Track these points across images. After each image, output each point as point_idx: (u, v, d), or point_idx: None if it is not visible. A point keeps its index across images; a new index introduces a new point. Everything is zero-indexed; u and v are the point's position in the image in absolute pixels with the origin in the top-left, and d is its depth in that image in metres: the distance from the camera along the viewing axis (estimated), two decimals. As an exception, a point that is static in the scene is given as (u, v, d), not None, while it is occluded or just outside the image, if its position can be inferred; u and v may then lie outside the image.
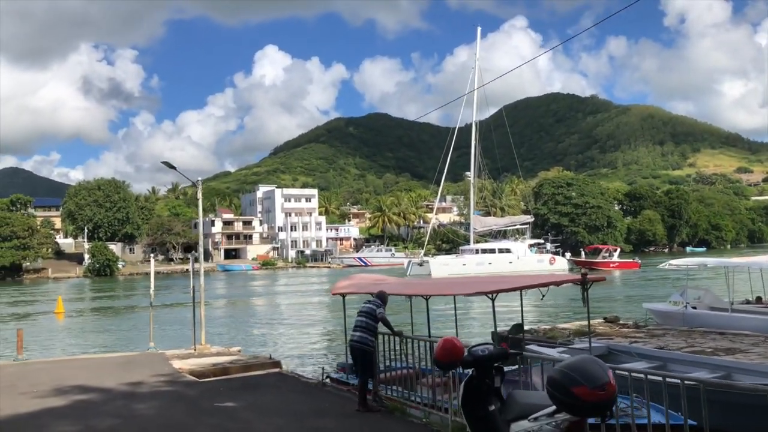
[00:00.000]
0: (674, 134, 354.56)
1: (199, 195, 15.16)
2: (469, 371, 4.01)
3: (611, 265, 66.16)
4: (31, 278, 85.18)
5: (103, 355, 15.88)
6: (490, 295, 8.10)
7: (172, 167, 14.39)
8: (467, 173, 70.81)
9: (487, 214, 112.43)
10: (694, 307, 17.28)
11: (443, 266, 63.26)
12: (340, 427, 7.81)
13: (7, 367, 14.02)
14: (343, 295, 11.07)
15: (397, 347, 9.71)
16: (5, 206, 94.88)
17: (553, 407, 3.56)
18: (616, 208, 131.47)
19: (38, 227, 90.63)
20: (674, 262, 17.99)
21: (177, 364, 13.72)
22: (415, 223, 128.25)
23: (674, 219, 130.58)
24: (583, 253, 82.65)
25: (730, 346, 13.01)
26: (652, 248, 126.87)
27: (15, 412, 9.00)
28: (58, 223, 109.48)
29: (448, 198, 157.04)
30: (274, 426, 7.72)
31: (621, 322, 18.44)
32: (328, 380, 11.07)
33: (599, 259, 69.14)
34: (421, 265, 64.32)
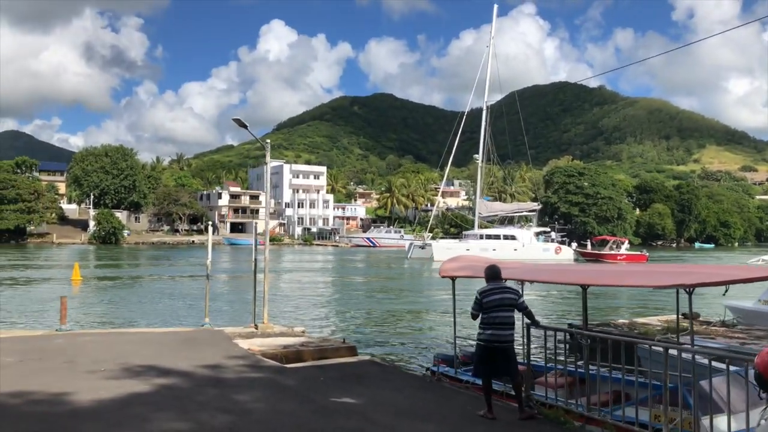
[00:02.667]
0: (680, 129, 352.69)
1: (268, 158, 13.68)
2: None
3: (618, 257, 64.85)
4: (35, 242, 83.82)
5: (155, 329, 14.51)
6: (687, 289, 6.72)
7: (244, 125, 12.95)
8: (476, 156, 69.09)
9: (497, 200, 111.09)
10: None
11: (446, 250, 61.86)
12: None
13: (53, 337, 12.65)
14: (453, 279, 9.69)
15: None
16: (10, 168, 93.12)
17: None
18: (626, 200, 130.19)
19: (44, 191, 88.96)
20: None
21: (243, 344, 12.35)
22: (423, 206, 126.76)
23: (684, 214, 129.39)
24: (589, 243, 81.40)
25: None
26: (660, 242, 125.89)
27: (97, 397, 7.62)
28: (62, 188, 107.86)
29: (456, 182, 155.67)
30: (429, 434, 6.35)
31: (701, 319, 17.19)
32: (433, 374, 9.72)
33: (606, 251, 67.86)
34: (423, 247, 63.00)
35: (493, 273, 7.50)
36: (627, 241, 77.39)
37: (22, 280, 35.09)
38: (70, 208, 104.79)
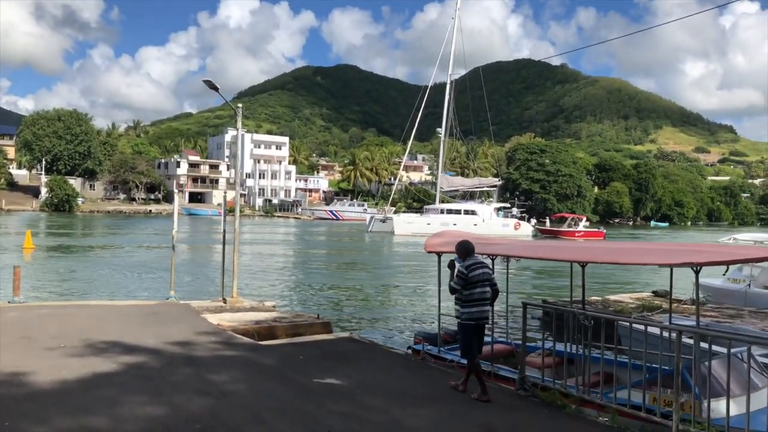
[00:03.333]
0: (639, 109, 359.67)
1: (239, 124, 12.94)
2: None
3: (576, 234, 65.84)
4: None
5: (117, 302, 13.73)
6: (695, 268, 6.44)
7: (215, 87, 12.17)
8: (438, 129, 68.77)
9: (460, 175, 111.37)
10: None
11: (407, 224, 61.91)
12: (509, 422, 6.14)
13: (5, 310, 11.80)
14: (439, 254, 9.29)
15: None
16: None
17: None
18: (586, 178, 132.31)
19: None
20: (738, 236, 16.77)
21: (212, 318, 11.77)
22: (387, 180, 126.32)
23: (641, 192, 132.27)
24: (548, 220, 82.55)
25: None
26: (617, 220, 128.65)
27: (59, 377, 6.99)
28: (11, 152, 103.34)
29: (420, 157, 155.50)
30: (426, 419, 5.96)
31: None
32: (417, 353, 9.36)
33: (564, 228, 68.80)
34: (384, 221, 62.79)
35: (471, 247, 7.29)
36: (585, 219, 78.52)
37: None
38: (20, 174, 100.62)
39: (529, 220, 74.16)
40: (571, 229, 68.05)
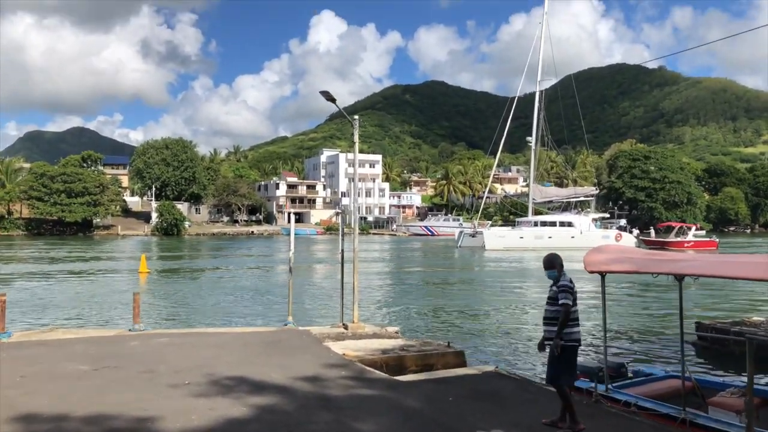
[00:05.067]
0: (748, 109, 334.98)
1: (356, 136, 12.13)
2: None
3: (686, 245, 60.75)
4: (101, 234, 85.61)
5: (235, 329, 13.21)
6: None
7: (332, 99, 11.42)
8: (528, 138, 66.04)
9: (558, 185, 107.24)
10: None
11: (498, 238, 59.30)
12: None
13: (127, 339, 11.48)
14: (603, 274, 7.89)
15: None
16: (77, 162, 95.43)
17: None
18: (695, 184, 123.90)
19: (108, 184, 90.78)
20: None
21: (335, 347, 10.88)
22: (481, 193, 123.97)
23: (759, 197, 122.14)
24: (652, 230, 77.08)
25: None
26: (732, 228, 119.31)
27: (189, 424, 6.22)
28: (125, 181, 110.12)
29: (514, 168, 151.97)
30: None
31: None
32: (588, 394, 7.94)
33: (672, 238, 63.73)
34: (473, 236, 60.51)
35: (562, 262, 6.68)
36: (695, 227, 72.73)
37: (90, 272, 34.96)
38: (133, 201, 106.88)
39: (631, 231, 69.63)
40: (679, 239, 63.18)
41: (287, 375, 8.55)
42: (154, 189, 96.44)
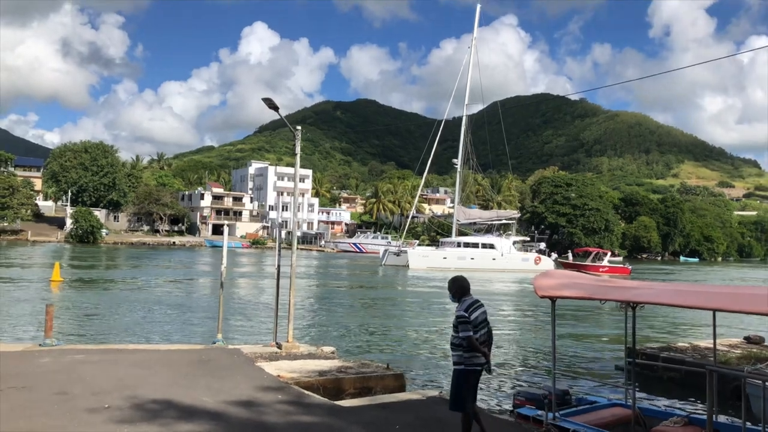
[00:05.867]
0: (659, 143, 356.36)
1: (297, 147, 11.66)
2: None
3: (601, 269, 63.47)
4: (9, 240, 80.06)
5: (159, 346, 12.30)
6: None
7: (274, 107, 10.92)
8: (454, 160, 67.44)
9: (484, 208, 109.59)
10: None
11: (422, 258, 59.86)
12: None
13: (37, 355, 10.44)
14: (553, 299, 7.79)
15: None
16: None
17: None
18: (612, 212, 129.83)
19: (19, 186, 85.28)
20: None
21: (269, 368, 10.30)
22: (409, 213, 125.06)
23: (669, 227, 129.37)
24: (570, 254, 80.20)
25: None
26: (644, 255, 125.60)
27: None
28: (38, 184, 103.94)
29: (442, 190, 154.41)
30: None
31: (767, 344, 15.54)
32: (538, 423, 7.73)
33: (588, 263, 66.45)
34: (398, 254, 60.88)
35: (467, 284, 6.60)
36: (609, 253, 76.15)
37: (-6, 280, 32.36)
38: (46, 205, 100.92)
39: (550, 254, 71.91)
40: (595, 264, 65.79)
41: (219, 399, 7.94)
42: (70, 194, 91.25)
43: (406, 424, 7.11)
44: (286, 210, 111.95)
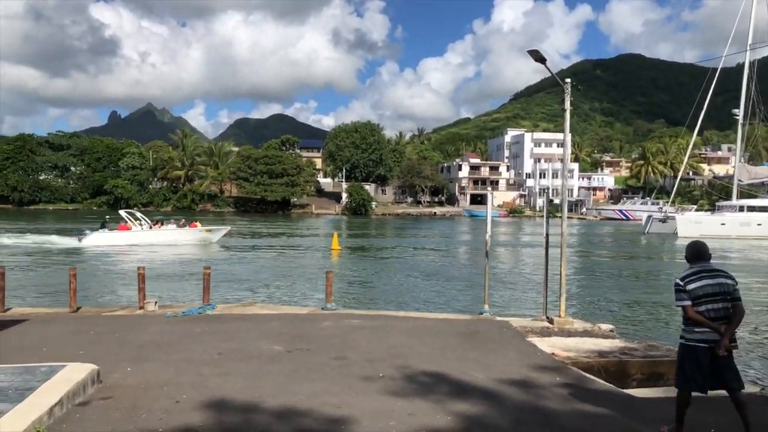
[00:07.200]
0: None
1: (567, 103, 10.52)
2: None
3: None
4: (297, 213, 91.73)
5: (427, 315, 12.36)
6: None
7: (541, 60, 9.95)
8: (735, 111, 56.70)
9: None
10: None
11: (694, 225, 51.40)
12: None
13: (320, 318, 11.16)
14: None
15: None
16: (277, 146, 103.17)
17: None
18: None
19: (304, 166, 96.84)
20: None
21: (541, 344, 9.48)
22: (685, 174, 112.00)
23: None
24: None
25: None
26: None
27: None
28: (319, 163, 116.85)
29: (725, 147, 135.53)
30: None
31: None
32: None
33: None
34: (664, 221, 53.75)
35: (704, 250, 5.61)
36: None
37: (286, 248, 36.97)
38: (326, 182, 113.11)
39: None
40: None
41: (491, 376, 7.39)
42: (344, 171, 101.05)
43: (722, 428, 5.71)
44: (543, 177, 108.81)
